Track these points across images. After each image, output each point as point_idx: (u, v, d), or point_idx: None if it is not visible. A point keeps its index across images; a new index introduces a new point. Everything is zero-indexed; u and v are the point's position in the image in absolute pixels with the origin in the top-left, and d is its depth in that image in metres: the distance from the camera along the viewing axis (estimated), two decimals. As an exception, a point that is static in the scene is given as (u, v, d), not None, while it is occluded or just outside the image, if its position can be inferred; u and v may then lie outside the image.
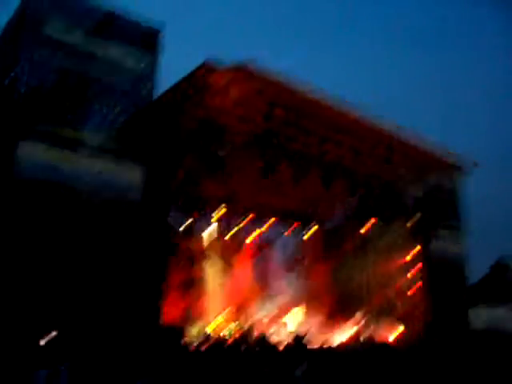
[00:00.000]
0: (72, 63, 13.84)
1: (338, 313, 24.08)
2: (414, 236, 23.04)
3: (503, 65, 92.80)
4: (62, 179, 13.25)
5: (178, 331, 15.61)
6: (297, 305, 23.83)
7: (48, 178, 13.01)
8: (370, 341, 19.94)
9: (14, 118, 13.01)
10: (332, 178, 19.05)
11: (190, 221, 22.49)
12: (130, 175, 14.49)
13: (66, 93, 13.68)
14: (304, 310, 23.40)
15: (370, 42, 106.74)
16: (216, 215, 24.21)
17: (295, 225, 27.67)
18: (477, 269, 30.79)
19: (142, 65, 15.23)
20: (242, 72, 13.89)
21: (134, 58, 15.06)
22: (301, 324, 23.22)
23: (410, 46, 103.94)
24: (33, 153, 12.90)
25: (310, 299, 25.25)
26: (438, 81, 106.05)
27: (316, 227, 27.52)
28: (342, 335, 21.29)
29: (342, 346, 15.31)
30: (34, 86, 13.19)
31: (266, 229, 26.56)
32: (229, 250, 26.53)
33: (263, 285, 27.48)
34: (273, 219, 26.75)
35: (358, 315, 23.59)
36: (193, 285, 22.08)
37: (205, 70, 13.87)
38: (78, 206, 13.41)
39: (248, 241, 26.49)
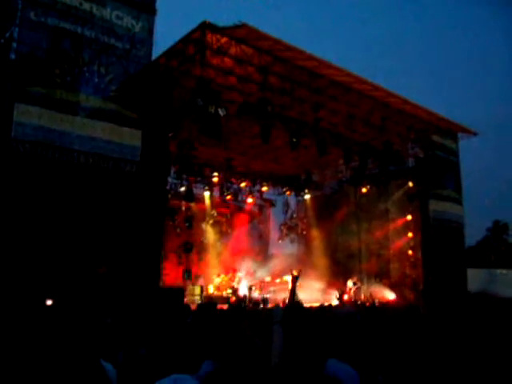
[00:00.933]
0: (67, 23, 13.62)
1: (332, 278, 24.33)
2: (411, 199, 23.09)
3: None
4: (58, 142, 13.15)
5: (179, 292, 15.77)
6: (292, 268, 23.98)
7: (44, 141, 12.90)
8: (364, 304, 20.16)
9: (9, 80, 12.83)
10: (326, 145, 19.02)
11: (188, 185, 22.62)
12: (128, 138, 14.43)
13: (62, 54, 13.49)
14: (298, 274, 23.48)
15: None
16: (214, 179, 24.35)
17: (288, 193, 27.87)
18: (470, 235, 30.99)
19: (139, 26, 15.01)
20: (241, 31, 13.73)
21: (130, 19, 14.84)
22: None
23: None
24: (29, 115, 12.78)
25: (305, 263, 25.46)
26: (438, 52, 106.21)
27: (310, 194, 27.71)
28: (335, 299, 21.55)
29: (337, 306, 15.45)
30: (28, 46, 12.99)
31: (267, 189, 26.75)
32: (228, 213, 26.75)
33: (261, 247, 27.79)
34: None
35: (352, 280, 23.81)
36: (193, 247, 22.30)
37: (203, 30, 13.71)
38: (74, 168, 13.35)
39: (249, 201, 26.64)
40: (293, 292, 6.56)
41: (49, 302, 9.71)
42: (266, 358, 3.47)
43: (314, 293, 22.19)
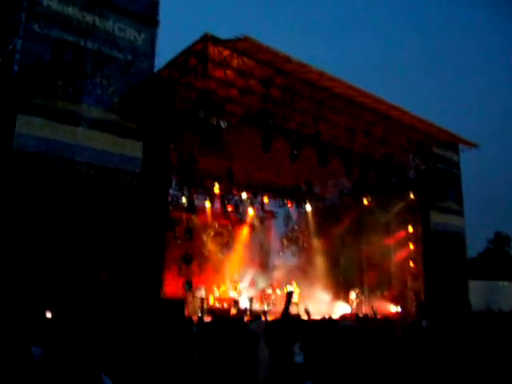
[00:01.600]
0: (70, 35, 13.70)
1: (333, 290, 24.28)
2: (413, 211, 23.09)
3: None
4: (60, 152, 13.19)
5: (179, 303, 15.70)
6: (292, 280, 24.02)
7: (46, 151, 12.94)
8: (366, 317, 20.09)
9: (12, 91, 12.88)
10: (327, 157, 19.05)
11: (189, 196, 22.62)
12: (130, 149, 14.46)
13: (64, 65, 13.56)
14: (298, 286, 23.54)
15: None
16: (215, 191, 24.36)
17: (289, 204, 27.88)
18: (471, 246, 30.96)
19: (141, 38, 15.09)
20: (243, 44, 13.79)
21: (133, 31, 14.92)
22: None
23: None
24: (31, 126, 12.83)
25: (306, 275, 25.44)
26: (438, 64, 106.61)
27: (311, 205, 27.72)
28: (336, 312, 21.48)
29: (338, 320, 15.39)
30: (32, 57, 13.06)
31: (268, 202, 26.75)
32: (229, 224, 26.73)
33: (262, 258, 27.75)
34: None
35: (354, 292, 23.76)
36: (193, 258, 22.25)
37: (205, 42, 13.78)
38: (76, 179, 13.37)
39: (250, 212, 26.63)
40: (286, 308, 6.52)
41: (48, 315, 9.67)
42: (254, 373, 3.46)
43: (320, 305, 22.18)
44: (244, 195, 26.25)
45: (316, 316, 16.60)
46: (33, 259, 12.08)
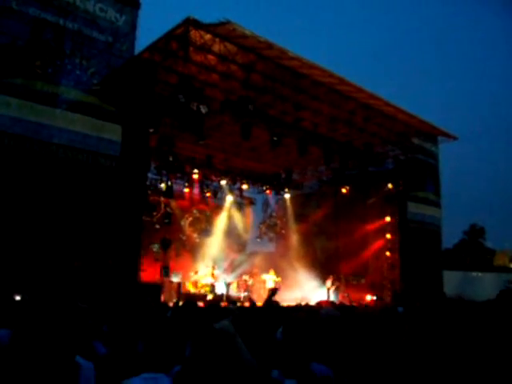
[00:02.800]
0: (49, 14, 13.43)
1: (309, 277, 24.39)
2: (391, 201, 23.27)
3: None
4: (37, 134, 12.97)
5: (156, 288, 15.70)
6: (270, 268, 24.08)
7: (23, 133, 12.72)
8: (343, 304, 20.23)
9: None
10: (307, 144, 19.08)
11: (167, 181, 22.53)
12: (108, 132, 14.29)
13: (43, 45, 13.30)
14: (276, 274, 23.62)
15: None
16: (194, 176, 24.29)
17: (268, 192, 27.91)
18: (447, 237, 31.30)
19: (123, 19, 14.85)
20: (225, 29, 13.69)
21: (114, 12, 14.68)
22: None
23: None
24: (8, 106, 12.60)
25: (283, 262, 25.55)
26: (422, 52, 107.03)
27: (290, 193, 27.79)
28: (312, 299, 21.57)
29: (315, 307, 15.48)
30: (9, 36, 12.78)
31: (247, 188, 26.75)
32: (207, 210, 26.69)
33: (240, 245, 27.78)
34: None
35: (330, 280, 23.89)
36: (171, 244, 22.21)
37: (187, 26, 13.65)
38: (53, 162, 13.18)
39: (229, 199, 26.61)
40: (269, 298, 6.53)
41: (17, 298, 9.56)
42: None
43: (296, 292, 22.28)
44: (223, 181, 26.20)
45: (291, 303, 16.65)
46: (5, 242, 11.91)
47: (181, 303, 8.10)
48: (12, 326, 3.38)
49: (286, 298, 18.42)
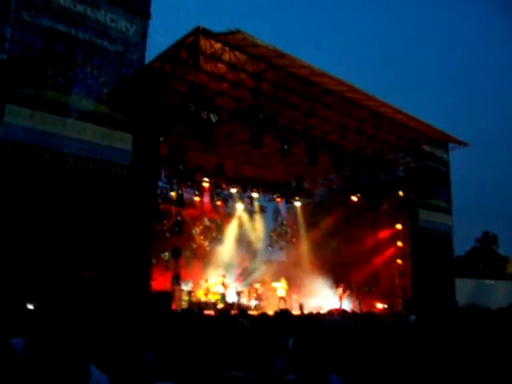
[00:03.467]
0: (61, 24, 13.54)
1: (320, 285, 24.30)
2: (402, 208, 23.18)
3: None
4: (48, 144, 13.05)
5: (167, 296, 15.70)
6: (281, 276, 24.04)
7: (34, 142, 12.80)
8: (354, 312, 20.13)
9: (0, 80, 12.72)
10: (317, 153, 19.07)
11: (178, 190, 22.59)
12: (119, 141, 14.34)
13: (55, 55, 13.41)
14: (286, 282, 23.58)
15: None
16: (204, 185, 24.34)
17: (279, 200, 27.88)
18: (459, 245, 31.14)
19: (133, 29, 14.94)
20: (235, 38, 13.73)
21: (124, 22, 14.77)
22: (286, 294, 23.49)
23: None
24: (19, 116, 12.69)
25: (294, 270, 25.48)
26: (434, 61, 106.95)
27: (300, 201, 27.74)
28: (323, 308, 21.49)
29: (327, 314, 15.42)
30: (21, 46, 12.89)
31: (257, 196, 26.75)
32: (218, 218, 26.71)
33: (251, 253, 27.75)
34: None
35: (341, 288, 23.80)
36: (182, 252, 22.22)
37: (197, 35, 13.71)
38: (64, 171, 13.25)
39: (239, 207, 26.61)
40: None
41: (30, 306, 9.59)
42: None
43: (308, 300, 22.22)
44: (233, 190, 26.22)
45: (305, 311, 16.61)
46: (17, 251, 11.96)
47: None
48: (26, 335, 3.40)
49: (297, 307, 18.37)
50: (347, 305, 22.84)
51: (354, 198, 24.76)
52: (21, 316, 4.39)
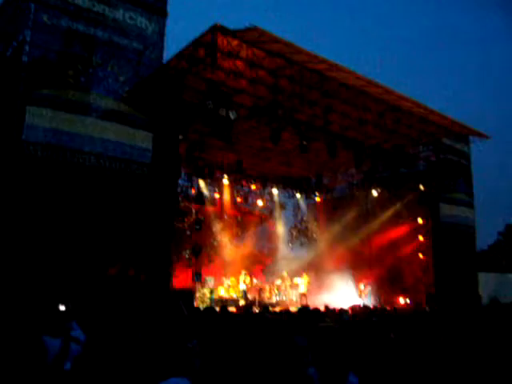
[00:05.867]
0: (80, 24, 13.68)
1: (341, 281, 24.24)
2: (423, 202, 23.03)
3: None
4: (69, 143, 13.20)
5: (188, 294, 15.78)
6: (302, 272, 24.06)
7: (55, 143, 12.96)
8: (376, 309, 20.08)
9: (21, 82, 12.89)
10: (337, 148, 19.00)
11: (198, 187, 22.68)
12: (140, 140, 14.48)
13: (74, 55, 13.56)
14: (308, 278, 23.58)
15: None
16: (224, 182, 24.38)
17: (300, 196, 27.84)
18: (482, 238, 30.83)
19: (151, 28, 15.05)
20: (252, 34, 13.71)
21: (143, 20, 14.89)
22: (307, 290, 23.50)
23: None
24: (40, 117, 12.84)
25: (315, 266, 25.45)
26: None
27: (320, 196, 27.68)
28: (345, 304, 21.43)
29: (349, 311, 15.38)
30: (41, 48, 13.05)
31: (277, 193, 26.73)
32: (238, 215, 26.75)
33: (271, 249, 27.77)
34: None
35: (363, 283, 23.75)
36: (203, 250, 22.30)
37: (214, 33, 13.71)
38: (86, 170, 13.40)
39: (259, 203, 26.63)
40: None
41: (62, 308, 9.70)
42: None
43: (329, 296, 22.17)
44: (253, 186, 26.24)
45: (322, 307, 16.56)
46: (42, 253, 12.11)
47: (217, 309, 8.13)
48: (60, 335, 3.46)
49: (318, 303, 18.34)
50: (368, 300, 22.74)
51: (375, 193, 24.63)
52: (54, 317, 4.46)
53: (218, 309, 8.34)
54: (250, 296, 21.92)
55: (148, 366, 4.30)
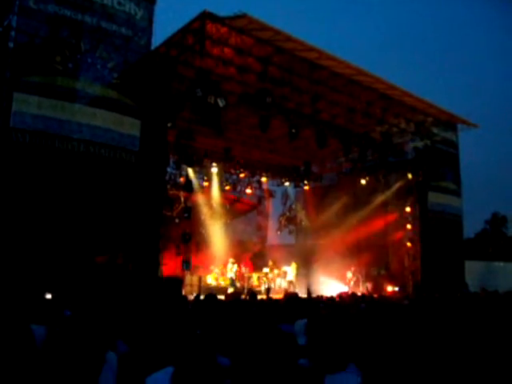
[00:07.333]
0: (67, 10, 13.52)
1: (329, 269, 24.34)
2: (411, 191, 23.13)
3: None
4: (57, 130, 13.11)
5: (177, 282, 15.77)
6: (291, 260, 24.11)
7: (43, 129, 12.87)
8: (364, 295, 20.19)
9: (8, 69, 12.74)
10: (326, 136, 18.99)
11: (187, 175, 22.59)
12: (128, 126, 14.41)
13: (62, 41, 13.41)
14: (296, 266, 23.66)
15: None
16: (213, 170, 24.30)
17: (288, 184, 27.84)
18: (469, 227, 31.07)
19: (140, 14, 14.92)
20: (241, 22, 13.65)
21: (132, 6, 14.74)
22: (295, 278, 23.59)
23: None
24: (28, 104, 12.73)
25: (303, 254, 25.52)
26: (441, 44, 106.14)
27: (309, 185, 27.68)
28: (333, 291, 21.55)
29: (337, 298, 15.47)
30: (27, 35, 12.90)
31: (266, 181, 26.72)
32: (227, 203, 26.71)
33: (260, 238, 27.82)
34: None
35: (350, 271, 23.86)
36: (191, 238, 22.27)
37: (203, 20, 13.64)
38: (74, 157, 13.32)
39: (248, 192, 26.61)
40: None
41: (48, 296, 9.68)
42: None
43: (317, 284, 22.30)
44: (242, 174, 26.19)
45: (312, 295, 16.66)
46: (30, 240, 12.05)
47: (202, 297, 8.14)
48: (47, 323, 3.45)
49: (306, 291, 18.43)
50: (356, 289, 22.87)
51: (363, 181, 24.68)
52: (40, 305, 4.45)
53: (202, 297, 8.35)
54: (238, 284, 21.97)
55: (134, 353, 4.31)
